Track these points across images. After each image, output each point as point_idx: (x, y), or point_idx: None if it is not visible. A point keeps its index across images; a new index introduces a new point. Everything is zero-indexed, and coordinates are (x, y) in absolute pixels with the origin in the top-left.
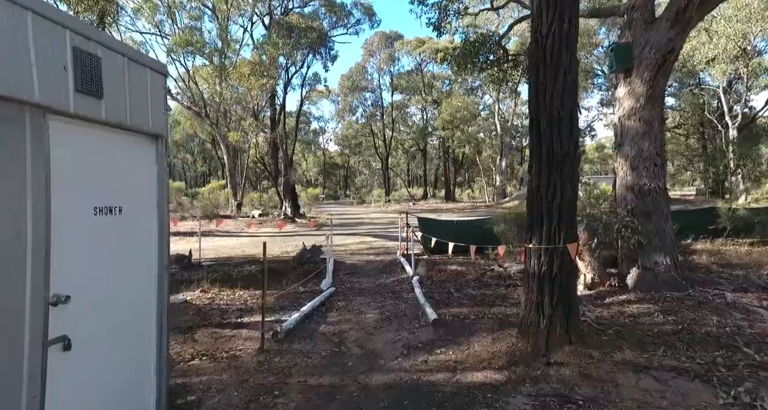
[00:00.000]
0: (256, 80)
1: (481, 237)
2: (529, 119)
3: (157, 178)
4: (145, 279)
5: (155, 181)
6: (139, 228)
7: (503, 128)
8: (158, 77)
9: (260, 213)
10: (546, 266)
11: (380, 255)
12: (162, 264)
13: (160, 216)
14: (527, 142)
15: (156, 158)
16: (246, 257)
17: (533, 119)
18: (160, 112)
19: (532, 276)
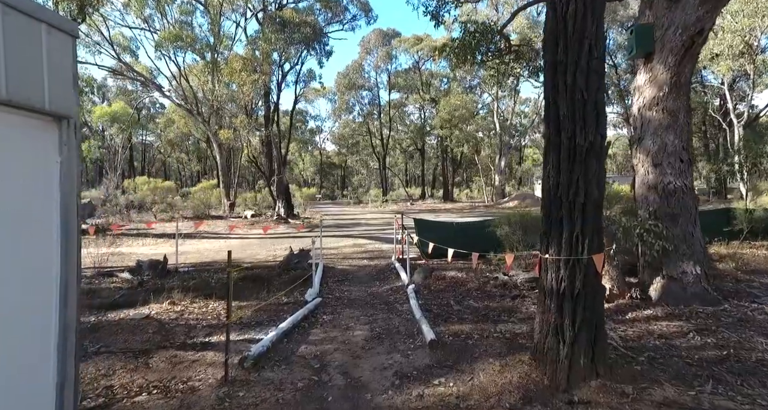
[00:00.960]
0: (247, 76)
1: (482, 241)
2: (544, 105)
3: (60, 172)
4: (39, 298)
5: (57, 174)
6: (27, 234)
7: (502, 127)
8: (62, 39)
9: (253, 214)
10: (566, 281)
11: (374, 259)
12: (69, 279)
13: (65, 220)
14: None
15: (59, 146)
16: (233, 260)
17: (550, 104)
18: (67, 86)
19: (549, 293)
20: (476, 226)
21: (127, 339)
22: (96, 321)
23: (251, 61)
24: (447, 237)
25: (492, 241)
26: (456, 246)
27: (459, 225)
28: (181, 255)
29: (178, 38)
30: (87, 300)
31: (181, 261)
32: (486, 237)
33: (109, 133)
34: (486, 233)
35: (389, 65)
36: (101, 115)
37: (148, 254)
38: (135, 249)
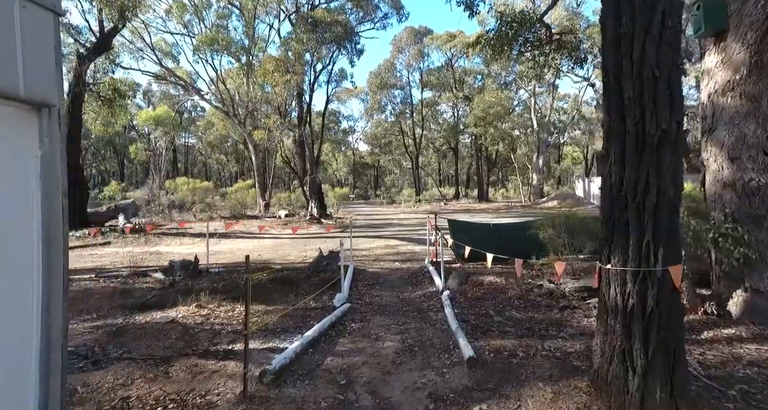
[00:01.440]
0: (280, 76)
1: (522, 244)
2: (603, 87)
3: (41, 168)
4: (16, 309)
5: (37, 171)
6: None
7: (540, 124)
8: (40, 15)
9: (287, 214)
10: (635, 297)
11: (407, 261)
12: (54, 288)
13: (47, 222)
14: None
15: (39, 138)
16: (262, 262)
17: (610, 85)
18: (48, 69)
19: (613, 311)
20: (515, 228)
21: (150, 344)
22: (123, 324)
23: (284, 62)
24: (483, 240)
25: (533, 244)
26: (493, 249)
27: (496, 226)
28: (215, 254)
29: (214, 41)
30: (120, 300)
31: (214, 261)
32: (526, 239)
33: (154, 136)
34: (526, 235)
35: (421, 63)
36: (146, 119)
37: (183, 253)
38: (172, 248)
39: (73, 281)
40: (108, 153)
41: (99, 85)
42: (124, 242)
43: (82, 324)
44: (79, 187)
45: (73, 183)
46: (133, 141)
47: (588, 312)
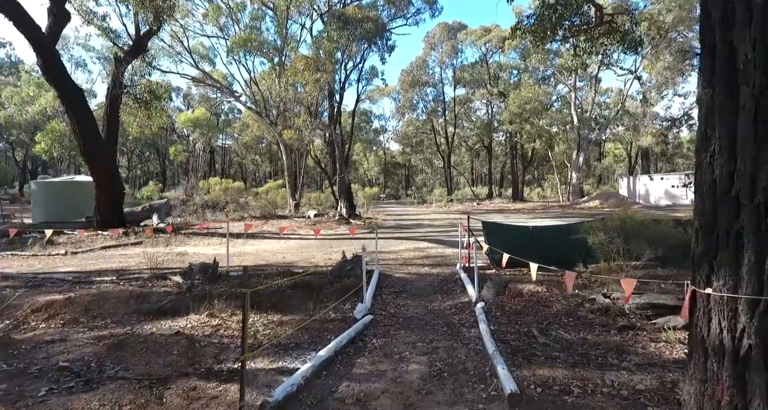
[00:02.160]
0: (310, 75)
1: (567, 249)
2: (703, 49)
3: None
4: None
5: None
6: None
7: (580, 119)
8: None
9: (316, 214)
10: (753, 336)
11: (437, 266)
12: None
13: None
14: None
15: None
16: (286, 265)
17: (714, 46)
18: None
19: (717, 353)
20: (559, 231)
21: (149, 360)
22: (124, 337)
23: (314, 61)
24: (522, 244)
25: (578, 249)
26: (533, 255)
27: (537, 229)
28: (239, 256)
29: (247, 42)
30: (136, 305)
31: (237, 262)
32: (572, 244)
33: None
34: (571, 240)
35: (454, 60)
36: (185, 121)
37: (209, 254)
38: (199, 249)
39: (93, 283)
40: (152, 154)
41: (135, 88)
42: (155, 242)
43: (90, 332)
44: (116, 188)
45: (109, 184)
46: (172, 143)
47: (655, 336)
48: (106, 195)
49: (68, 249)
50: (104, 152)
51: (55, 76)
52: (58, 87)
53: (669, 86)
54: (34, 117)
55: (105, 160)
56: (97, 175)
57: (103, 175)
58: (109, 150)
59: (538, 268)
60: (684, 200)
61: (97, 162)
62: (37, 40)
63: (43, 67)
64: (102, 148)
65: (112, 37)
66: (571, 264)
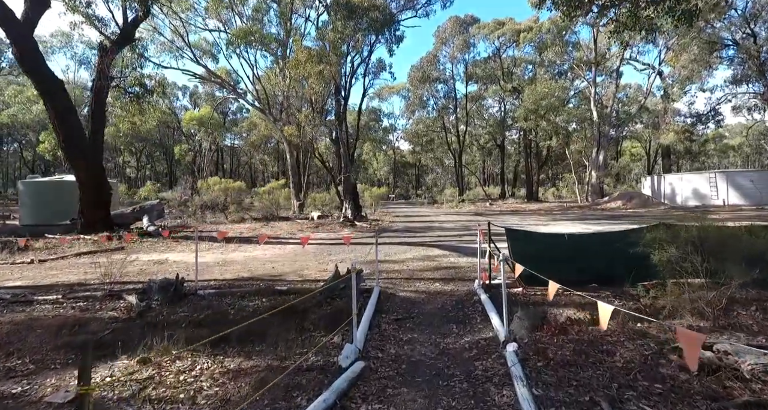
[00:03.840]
0: (312, 67)
1: (616, 264)
2: None
3: None
4: None
5: None
6: None
7: (600, 115)
8: None
9: (319, 216)
10: None
11: (450, 281)
12: None
13: None
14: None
15: None
16: (273, 277)
17: None
18: None
19: None
20: (603, 242)
21: None
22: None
23: (318, 52)
24: (555, 256)
25: (625, 263)
26: (569, 270)
27: (574, 238)
28: (223, 266)
29: (248, 34)
30: (69, 336)
31: (218, 275)
32: (617, 256)
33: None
34: (616, 251)
35: (466, 55)
36: (189, 119)
37: (190, 263)
38: (185, 256)
39: (32, 303)
40: (161, 154)
41: (124, 80)
42: (139, 247)
43: None
44: (102, 188)
45: (93, 184)
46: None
47: None
48: (90, 196)
49: (38, 257)
50: (88, 149)
51: (31, 65)
52: (35, 78)
53: (694, 80)
54: (39, 116)
55: (89, 157)
56: (80, 175)
57: (86, 174)
58: (93, 147)
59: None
60: (715, 201)
61: (79, 160)
62: (10, 27)
63: (19, 57)
64: (86, 145)
65: (99, 26)
66: (617, 282)
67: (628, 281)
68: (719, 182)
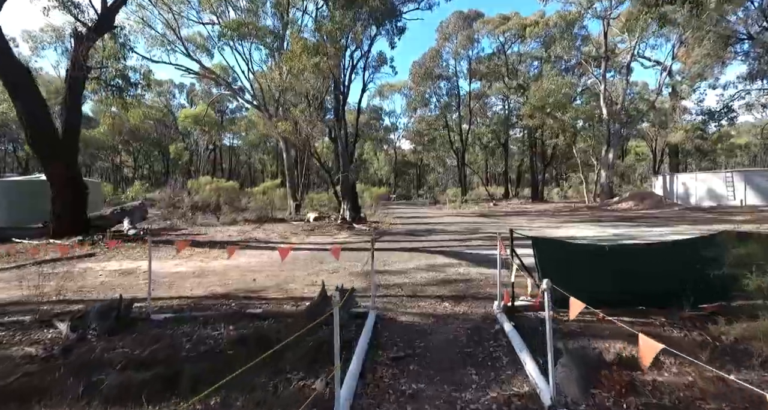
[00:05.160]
0: (308, 59)
1: (666, 278)
2: None
3: None
4: None
5: None
6: None
7: (610, 113)
8: None
9: (316, 217)
10: None
11: (461, 300)
12: None
13: None
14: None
15: None
16: (250, 294)
17: None
18: None
19: None
20: (654, 254)
21: None
22: None
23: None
24: (592, 272)
25: (689, 281)
26: (614, 290)
27: (615, 250)
28: (198, 277)
29: (241, 25)
30: None
31: (186, 290)
32: (679, 273)
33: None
34: (677, 267)
35: (470, 51)
36: (185, 117)
37: (169, 273)
38: (161, 265)
39: None
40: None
41: (104, 72)
42: (113, 253)
43: None
44: (76, 188)
45: (67, 184)
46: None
47: None
48: (63, 196)
49: None
50: (61, 146)
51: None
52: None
53: (706, 76)
54: None
55: (61, 155)
56: (52, 173)
57: (59, 173)
58: (67, 143)
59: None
60: (731, 201)
61: (50, 157)
62: None
63: None
64: (58, 141)
65: (75, 12)
66: (669, 303)
67: (687, 303)
68: (736, 182)
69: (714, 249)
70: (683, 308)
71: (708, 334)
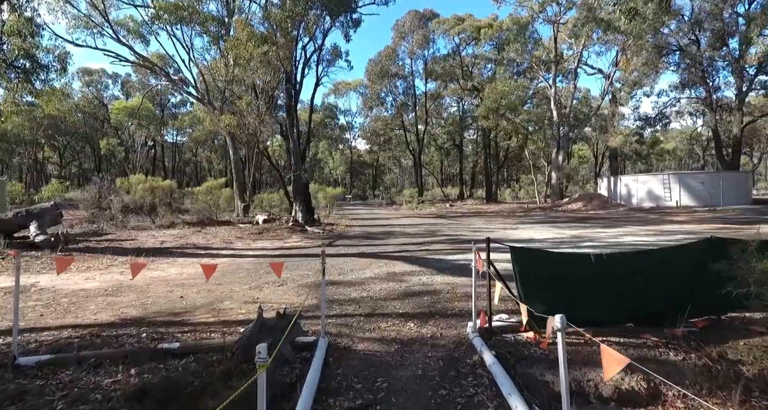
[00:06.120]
0: (254, 47)
1: (659, 290)
2: None
3: None
4: None
5: None
6: None
7: (560, 116)
8: None
9: (265, 219)
10: None
11: (428, 318)
12: None
13: None
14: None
15: None
16: (172, 318)
17: None
18: None
19: None
20: (641, 263)
21: None
22: None
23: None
24: (578, 283)
25: (678, 294)
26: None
27: (601, 260)
28: (109, 296)
29: (179, 9)
30: None
31: (79, 318)
32: (667, 285)
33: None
34: (663, 278)
35: (426, 51)
36: (119, 110)
37: (75, 291)
38: (69, 280)
39: None
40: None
41: (6, 50)
42: (6, 265)
43: None
44: None
45: None
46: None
47: None
48: None
49: None
50: None
51: None
52: None
53: (643, 84)
54: None
55: None
56: None
57: None
58: None
59: None
60: (668, 202)
61: None
62: None
63: None
64: None
65: None
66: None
67: (682, 318)
68: (672, 183)
69: (704, 256)
70: (676, 325)
71: (708, 357)
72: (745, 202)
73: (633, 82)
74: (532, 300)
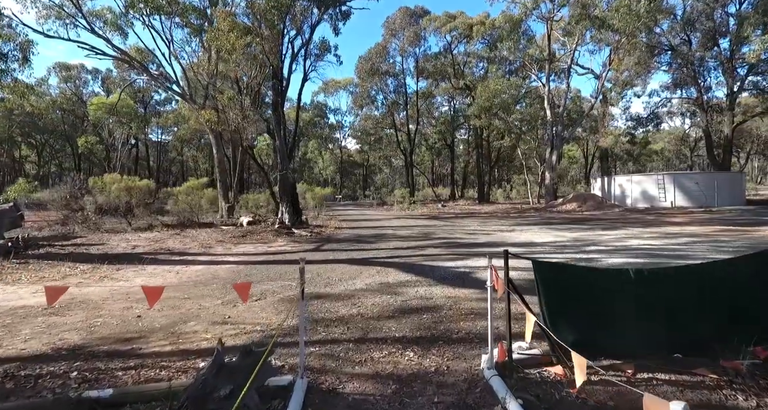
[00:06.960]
0: (236, 39)
1: (710, 315)
2: None
3: None
4: None
5: None
6: None
7: (554, 115)
8: None
9: (250, 221)
10: None
11: (430, 344)
12: None
13: None
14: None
15: None
16: (124, 343)
17: None
18: None
19: None
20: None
21: None
22: None
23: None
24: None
25: (737, 317)
26: (642, 333)
27: (641, 276)
28: (52, 315)
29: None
30: None
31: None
32: (723, 306)
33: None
34: (720, 297)
35: (417, 48)
36: (98, 107)
37: (4, 311)
38: (17, 292)
39: None
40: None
41: None
42: None
43: None
44: None
45: None
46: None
47: None
48: None
49: None
50: None
51: None
52: None
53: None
54: None
55: None
56: None
57: None
58: None
59: None
60: (663, 202)
61: None
62: None
63: None
64: None
65: None
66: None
67: (744, 347)
68: (667, 184)
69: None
70: (739, 355)
71: None
72: (740, 202)
73: (624, 82)
74: (560, 326)
